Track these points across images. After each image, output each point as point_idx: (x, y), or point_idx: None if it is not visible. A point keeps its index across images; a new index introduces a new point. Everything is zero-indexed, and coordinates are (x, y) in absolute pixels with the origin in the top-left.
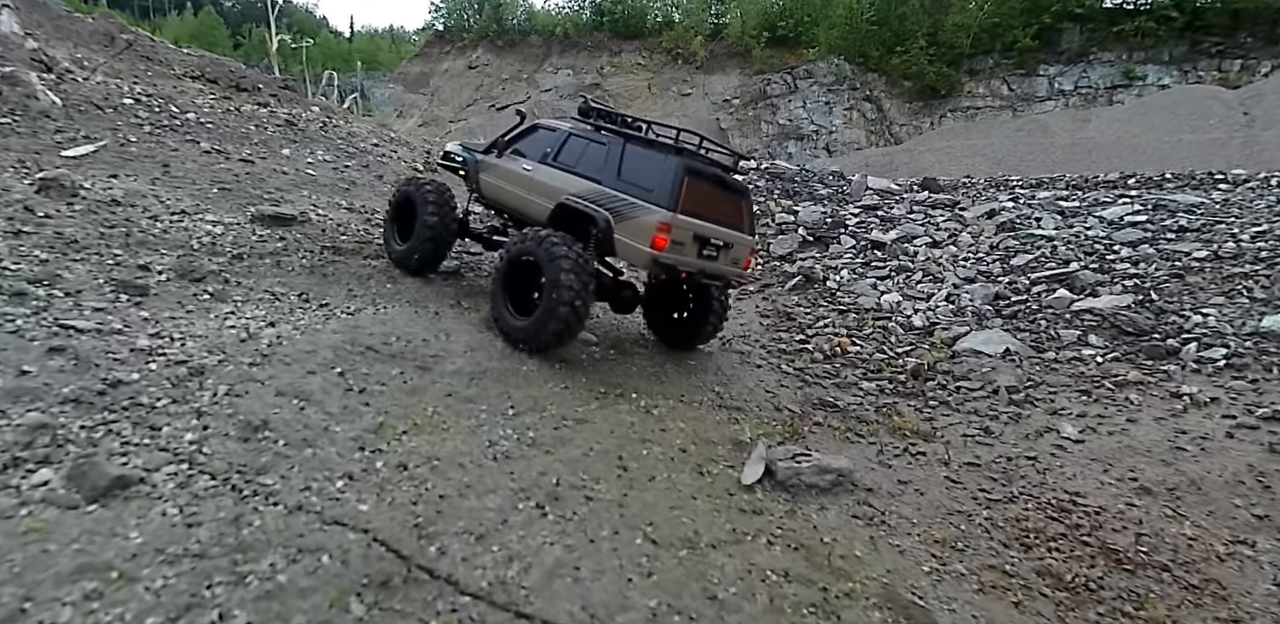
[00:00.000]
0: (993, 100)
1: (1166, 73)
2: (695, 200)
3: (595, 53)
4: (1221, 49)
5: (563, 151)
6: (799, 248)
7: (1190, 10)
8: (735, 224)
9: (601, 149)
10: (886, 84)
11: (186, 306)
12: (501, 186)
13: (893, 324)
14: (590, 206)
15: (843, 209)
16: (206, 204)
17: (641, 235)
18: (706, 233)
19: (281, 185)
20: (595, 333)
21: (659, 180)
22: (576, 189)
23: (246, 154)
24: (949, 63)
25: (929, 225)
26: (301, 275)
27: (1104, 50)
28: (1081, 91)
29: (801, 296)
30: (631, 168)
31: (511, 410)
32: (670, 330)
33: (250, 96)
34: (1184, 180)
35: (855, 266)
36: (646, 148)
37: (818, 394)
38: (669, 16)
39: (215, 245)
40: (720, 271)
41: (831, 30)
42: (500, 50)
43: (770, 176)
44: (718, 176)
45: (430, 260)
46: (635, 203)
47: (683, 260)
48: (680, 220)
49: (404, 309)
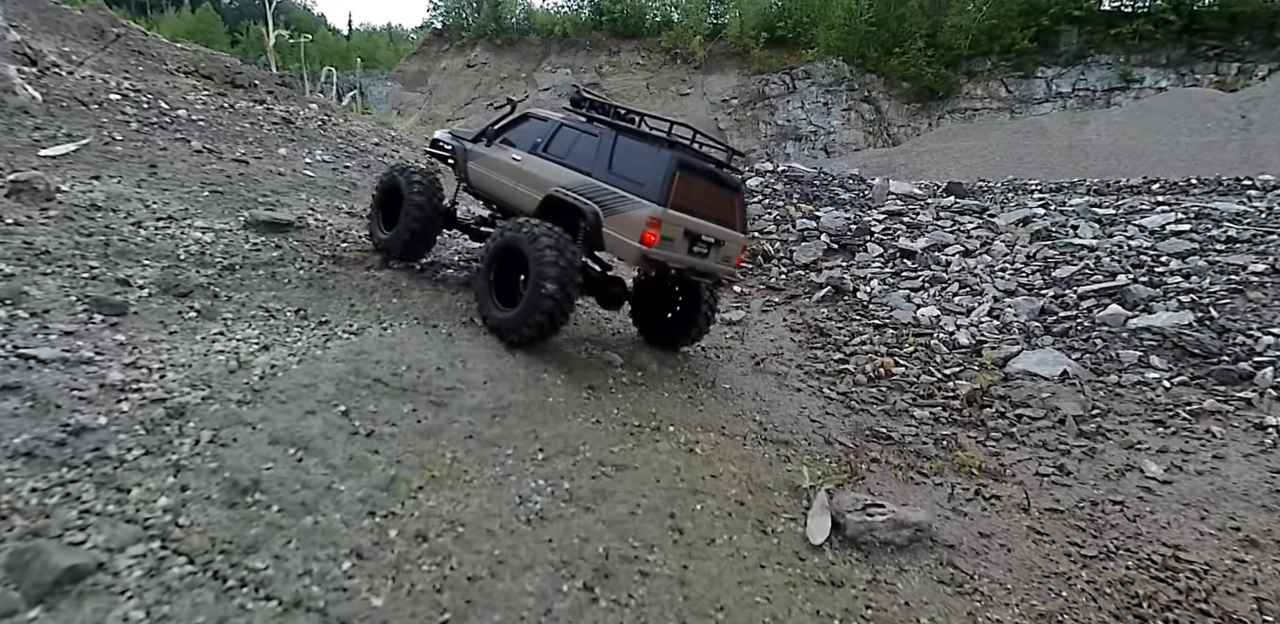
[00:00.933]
0: (990, 102)
1: (1164, 76)
2: (687, 195)
3: (594, 52)
4: (1219, 52)
5: (553, 142)
6: (824, 256)
7: (1188, 13)
8: (727, 221)
9: (592, 141)
10: (885, 85)
11: (169, 327)
12: (490, 176)
13: (935, 341)
14: (579, 199)
15: (866, 214)
16: (196, 208)
17: (630, 230)
18: (697, 229)
19: (278, 187)
20: (619, 353)
21: (650, 174)
22: (566, 181)
23: (240, 154)
24: (947, 64)
25: (959, 233)
26: (299, 288)
27: (1102, 53)
28: (1079, 94)
29: (832, 309)
30: (623, 161)
31: (541, 454)
32: (657, 329)
33: (246, 93)
34: (1210, 185)
35: (885, 276)
36: (638, 140)
37: (868, 423)
38: (668, 16)
39: (204, 255)
40: (710, 269)
41: (830, 31)
42: (499, 49)
43: (788, 180)
44: (710, 171)
45: (415, 247)
46: (625, 196)
47: (672, 256)
48: (671, 215)
49: (413, 328)
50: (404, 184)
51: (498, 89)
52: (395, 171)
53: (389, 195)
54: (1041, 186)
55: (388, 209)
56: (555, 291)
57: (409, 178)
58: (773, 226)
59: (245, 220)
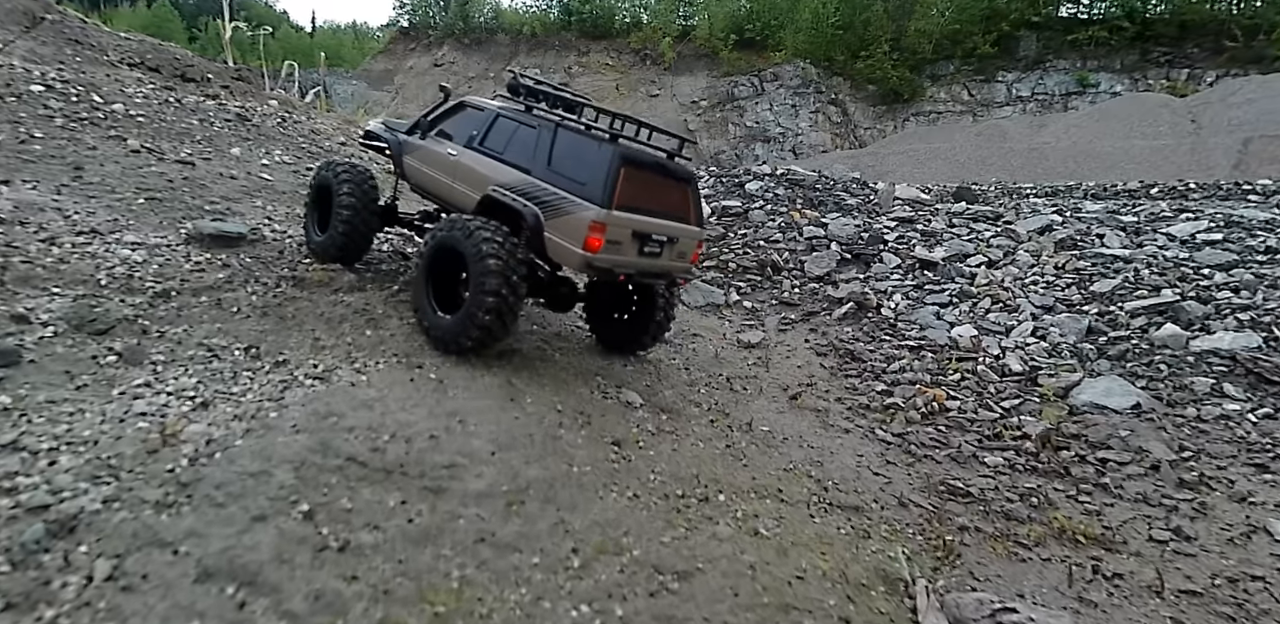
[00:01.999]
0: (954, 105)
1: (1118, 80)
2: (634, 193)
3: (563, 52)
4: (1170, 59)
5: (490, 134)
6: (837, 267)
7: (1140, 21)
8: (680, 215)
9: (531, 134)
10: (851, 88)
11: (77, 380)
12: (425, 172)
13: (982, 367)
14: (518, 200)
15: (876, 221)
16: (128, 219)
17: (573, 235)
18: (647, 228)
19: (228, 193)
20: (635, 389)
21: (592, 172)
22: (504, 179)
23: (186, 154)
24: (911, 68)
25: (978, 242)
26: (251, 319)
27: (1060, 58)
28: (1038, 98)
29: (857, 328)
30: (563, 156)
31: (576, 557)
32: (612, 332)
33: (198, 87)
34: (1210, 190)
35: (907, 290)
36: (580, 134)
37: (937, 474)
38: (637, 17)
39: (133, 278)
40: (664, 269)
41: (798, 34)
42: (466, 48)
43: (789, 183)
44: (659, 164)
45: (350, 251)
46: (566, 197)
47: (620, 261)
48: (616, 218)
49: (393, 372)
50: (333, 182)
51: (466, 88)
52: (324, 169)
53: (322, 194)
54: (1037, 190)
55: (321, 209)
56: (498, 293)
57: (337, 175)
58: (779, 235)
59: (187, 233)
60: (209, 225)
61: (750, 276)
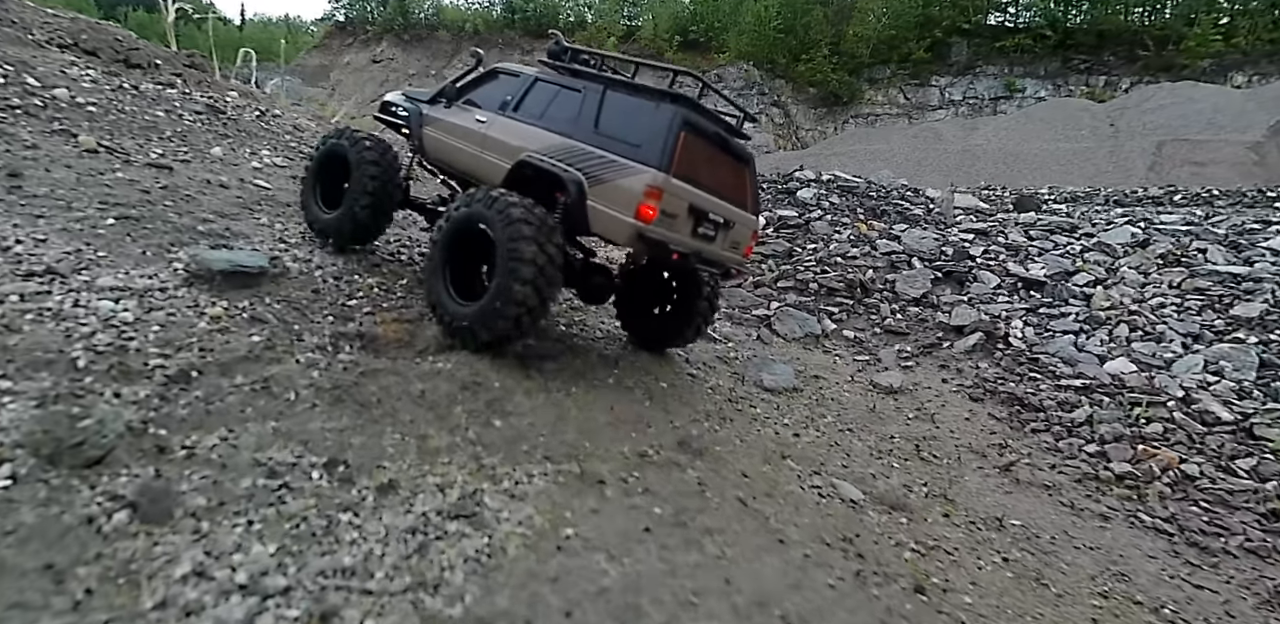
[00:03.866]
0: (890, 108)
1: (1043, 86)
2: (692, 163)
3: (507, 50)
4: (1089, 66)
5: (526, 100)
6: (933, 287)
7: (1062, 30)
8: (738, 199)
9: (575, 97)
10: (793, 90)
11: (66, 589)
12: (449, 143)
13: (1179, 414)
14: (558, 165)
15: (949, 233)
16: (98, 249)
17: (624, 202)
18: (705, 205)
19: (223, 207)
20: (841, 476)
21: (648, 133)
22: (541, 144)
23: (157, 154)
24: (850, 71)
25: (1071, 257)
26: (318, 408)
27: (988, 64)
28: (969, 102)
29: (993, 363)
30: (613, 119)
31: None
32: (648, 327)
33: (146, 74)
34: (1234, 197)
35: (1019, 313)
36: (633, 94)
37: (1255, 581)
38: (581, 16)
39: (127, 352)
40: (718, 257)
41: (741, 36)
42: (406, 44)
43: (841, 191)
44: (721, 137)
45: (364, 233)
46: (617, 160)
47: (674, 238)
48: (674, 185)
49: (564, 491)
50: (353, 154)
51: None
52: (339, 137)
53: (328, 167)
54: (1056, 197)
55: (327, 182)
56: (532, 280)
57: (359, 146)
58: (853, 250)
59: (186, 268)
60: (216, 257)
61: (839, 299)
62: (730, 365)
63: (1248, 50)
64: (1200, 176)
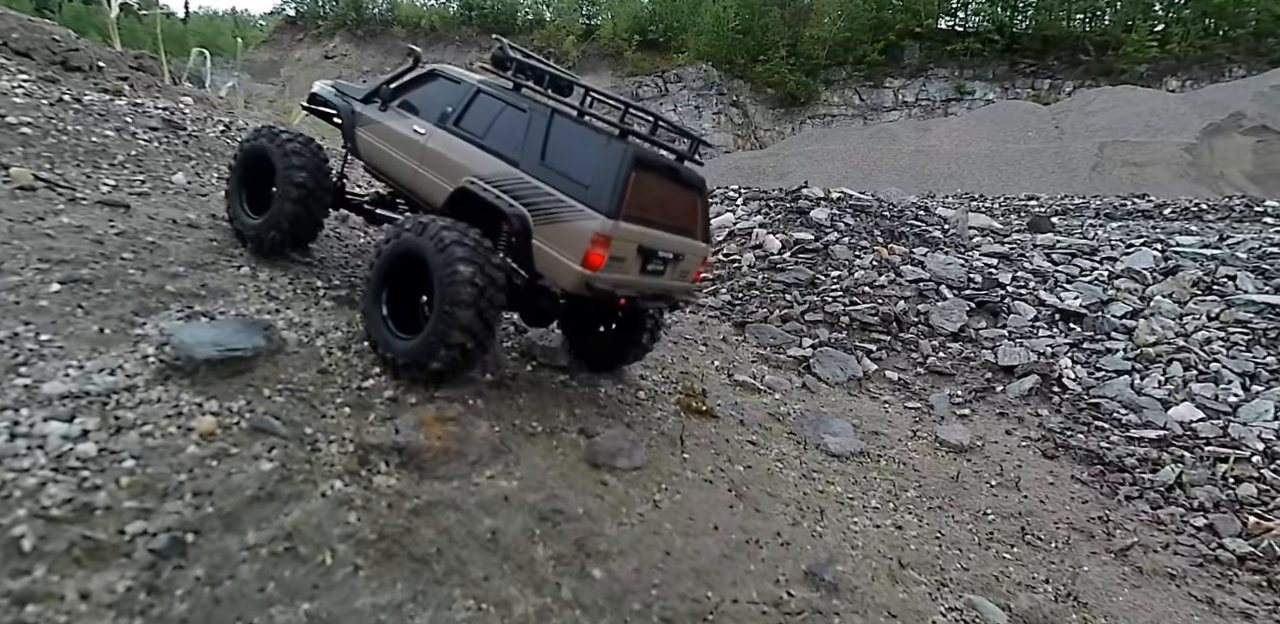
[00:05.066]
0: (846, 109)
1: (991, 89)
2: (642, 201)
3: (464, 48)
4: (1034, 69)
5: (468, 114)
6: (968, 319)
7: (1008, 34)
8: (688, 229)
9: (520, 118)
10: (751, 90)
11: None
12: (384, 151)
13: (1268, 471)
14: (503, 199)
15: (971, 258)
16: (40, 330)
17: (570, 247)
18: (655, 244)
19: (194, 253)
20: (976, 588)
21: (598, 173)
22: (485, 170)
23: (110, 186)
24: (807, 73)
25: (1101, 284)
26: (364, 575)
27: (940, 67)
28: (922, 103)
29: (1052, 409)
30: (561, 150)
31: None
32: (593, 347)
33: (87, 79)
34: (1223, 211)
35: (1063, 349)
36: (581, 125)
37: None
38: (540, 14)
39: (91, 513)
40: (666, 289)
41: (700, 37)
42: (360, 40)
43: (854, 211)
44: (671, 168)
45: (295, 237)
46: (564, 201)
47: (623, 281)
48: (624, 230)
49: None
50: (276, 153)
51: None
52: (262, 136)
53: (253, 169)
54: (1046, 209)
55: (253, 185)
56: (473, 302)
57: (284, 147)
58: (879, 278)
59: (159, 353)
60: (196, 339)
61: (875, 335)
62: (784, 424)
63: (1181, 56)
64: (1139, 176)
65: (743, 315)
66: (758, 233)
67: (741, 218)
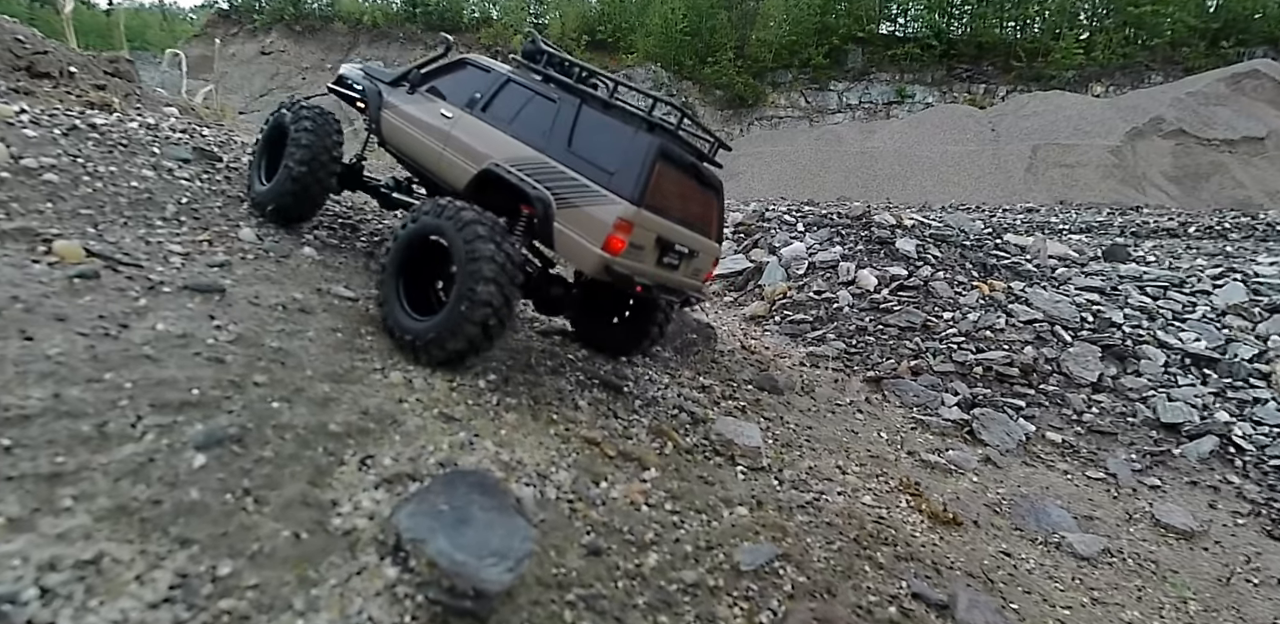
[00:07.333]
0: (793, 111)
1: (930, 93)
2: (664, 193)
3: (408, 45)
4: (970, 74)
5: (496, 101)
6: (1103, 365)
7: (946, 40)
8: (704, 227)
9: (549, 107)
10: (700, 92)
11: None
12: (409, 133)
13: None
14: (527, 181)
15: (1071, 293)
16: (213, 561)
17: (592, 231)
18: (672, 236)
19: (328, 359)
20: None
21: (624, 161)
22: (509, 154)
23: (180, 257)
24: (754, 75)
25: (1210, 321)
26: None
27: (881, 71)
28: (865, 106)
29: (1240, 475)
30: (587, 139)
31: None
32: (603, 336)
33: (59, 88)
34: (1246, 230)
35: (1205, 398)
36: (609, 115)
37: None
38: (486, 12)
39: None
40: (679, 285)
41: (648, 38)
42: (299, 35)
43: (937, 241)
44: (693, 165)
45: (295, 208)
46: (589, 186)
47: (640, 269)
48: (645, 218)
49: None
50: (289, 122)
51: (299, 79)
52: (284, 107)
53: (274, 138)
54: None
55: (272, 155)
56: (495, 277)
57: (297, 115)
58: (997, 320)
59: (409, 580)
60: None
61: (1018, 388)
62: (1000, 514)
63: (1104, 63)
64: (1070, 177)
65: (868, 366)
66: (846, 267)
67: (816, 248)
